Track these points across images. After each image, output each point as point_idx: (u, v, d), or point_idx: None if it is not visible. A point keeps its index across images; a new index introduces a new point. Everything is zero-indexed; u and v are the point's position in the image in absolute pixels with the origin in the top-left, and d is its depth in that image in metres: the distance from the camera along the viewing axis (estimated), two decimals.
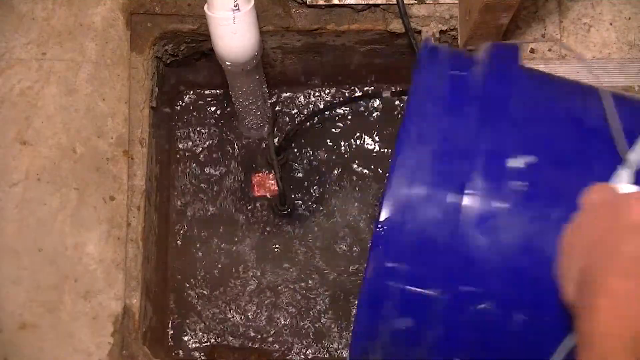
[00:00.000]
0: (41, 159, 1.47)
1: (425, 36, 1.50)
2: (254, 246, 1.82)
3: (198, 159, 1.84)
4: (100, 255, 1.44)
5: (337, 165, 1.85)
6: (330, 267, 1.80)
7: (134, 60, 1.52)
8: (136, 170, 1.49)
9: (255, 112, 1.68)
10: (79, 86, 1.50)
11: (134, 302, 1.44)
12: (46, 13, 1.52)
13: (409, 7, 1.49)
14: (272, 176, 1.73)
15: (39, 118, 1.48)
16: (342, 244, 1.82)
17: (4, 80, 1.49)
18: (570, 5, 1.49)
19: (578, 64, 1.46)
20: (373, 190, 1.85)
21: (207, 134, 1.85)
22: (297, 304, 1.79)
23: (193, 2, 1.53)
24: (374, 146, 1.86)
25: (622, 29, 1.48)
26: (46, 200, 1.45)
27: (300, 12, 1.55)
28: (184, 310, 1.77)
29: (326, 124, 1.86)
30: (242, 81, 1.50)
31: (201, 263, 1.80)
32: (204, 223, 1.82)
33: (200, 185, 1.83)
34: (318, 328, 1.77)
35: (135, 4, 1.53)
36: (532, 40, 1.47)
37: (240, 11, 1.27)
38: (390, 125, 1.87)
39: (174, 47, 1.60)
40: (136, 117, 1.50)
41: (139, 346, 1.43)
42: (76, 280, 1.43)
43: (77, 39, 1.51)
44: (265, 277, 1.81)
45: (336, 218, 1.82)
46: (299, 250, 1.81)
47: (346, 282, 1.79)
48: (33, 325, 1.41)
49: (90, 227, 1.45)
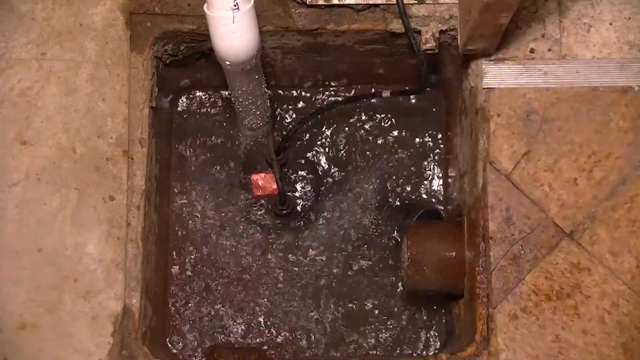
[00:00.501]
0: (41, 159, 1.47)
1: (425, 36, 1.50)
2: (253, 246, 1.82)
3: (198, 159, 1.84)
4: (100, 255, 1.44)
5: (337, 164, 1.85)
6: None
7: (134, 60, 1.52)
8: (136, 170, 1.49)
9: (255, 112, 1.68)
10: (79, 86, 1.50)
11: (134, 302, 1.44)
12: (46, 13, 1.52)
13: (409, 7, 1.49)
14: (272, 176, 1.72)
15: (39, 118, 1.48)
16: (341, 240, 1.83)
17: (4, 80, 1.49)
18: (570, 5, 1.49)
19: (578, 64, 1.46)
20: (373, 188, 1.86)
21: (207, 134, 1.85)
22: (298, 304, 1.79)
23: (193, 2, 1.53)
24: (374, 146, 1.86)
25: (622, 29, 1.48)
26: (46, 200, 1.45)
27: (300, 12, 1.55)
28: (184, 310, 1.77)
29: (326, 123, 1.86)
30: (241, 81, 1.50)
31: (201, 263, 1.80)
32: (204, 223, 1.82)
33: (200, 184, 1.83)
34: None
35: (135, 4, 1.53)
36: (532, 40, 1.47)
37: (240, 11, 1.27)
38: (390, 125, 1.87)
39: (173, 47, 1.60)
40: (136, 117, 1.50)
41: (139, 346, 1.43)
42: (76, 280, 1.43)
43: (77, 39, 1.51)
44: (266, 277, 1.81)
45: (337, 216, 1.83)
46: (299, 244, 1.82)
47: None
48: (33, 325, 1.41)
49: (90, 227, 1.45)
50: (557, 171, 1.42)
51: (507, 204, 1.41)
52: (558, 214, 1.40)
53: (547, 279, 1.38)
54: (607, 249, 1.39)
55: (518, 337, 1.37)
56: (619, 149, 1.42)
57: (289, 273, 1.81)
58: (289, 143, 1.77)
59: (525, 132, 1.43)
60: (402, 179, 1.85)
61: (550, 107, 1.44)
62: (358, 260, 1.81)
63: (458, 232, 1.54)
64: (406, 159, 1.85)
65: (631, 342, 1.35)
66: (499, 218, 1.40)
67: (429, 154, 1.85)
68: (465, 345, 1.42)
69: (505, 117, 1.44)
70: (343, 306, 1.79)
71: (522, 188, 1.41)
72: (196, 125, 1.85)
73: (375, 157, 1.86)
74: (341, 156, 1.86)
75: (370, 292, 1.80)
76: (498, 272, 1.39)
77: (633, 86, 1.45)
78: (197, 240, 1.80)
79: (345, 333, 1.78)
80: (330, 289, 1.80)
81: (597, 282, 1.37)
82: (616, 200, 1.40)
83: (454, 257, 1.52)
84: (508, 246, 1.40)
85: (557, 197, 1.41)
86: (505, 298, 1.38)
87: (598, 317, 1.36)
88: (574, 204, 1.40)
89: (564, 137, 1.43)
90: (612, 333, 1.36)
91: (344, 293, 1.79)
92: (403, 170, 1.85)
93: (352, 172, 1.85)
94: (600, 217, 1.40)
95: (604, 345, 1.36)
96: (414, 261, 1.52)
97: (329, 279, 1.80)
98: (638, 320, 1.36)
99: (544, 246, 1.39)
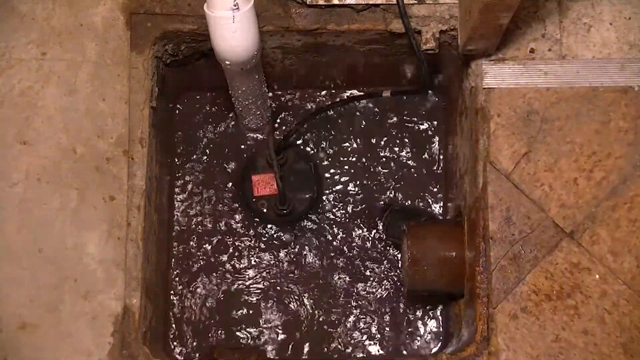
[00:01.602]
0: (41, 159, 1.47)
1: (425, 36, 1.50)
2: (254, 245, 1.82)
3: (198, 159, 1.84)
4: (101, 255, 1.44)
5: (337, 163, 1.86)
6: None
7: (134, 60, 1.52)
8: (136, 170, 1.49)
9: (255, 112, 1.68)
10: (79, 86, 1.50)
11: (134, 302, 1.44)
12: (46, 13, 1.52)
13: (409, 7, 1.49)
14: (272, 176, 1.72)
15: (39, 118, 1.48)
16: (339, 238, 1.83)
17: (4, 80, 1.49)
18: (570, 5, 1.49)
19: (578, 64, 1.46)
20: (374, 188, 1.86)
21: (207, 133, 1.85)
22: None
23: (193, 2, 1.53)
24: (374, 145, 1.86)
25: (622, 29, 1.48)
26: (46, 200, 1.45)
27: (300, 12, 1.55)
28: (184, 310, 1.78)
29: (326, 123, 1.86)
30: (241, 81, 1.50)
31: (201, 263, 1.80)
32: (204, 222, 1.82)
33: (201, 184, 1.83)
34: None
35: (135, 4, 1.53)
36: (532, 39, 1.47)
37: (240, 10, 1.27)
38: (390, 125, 1.87)
39: (174, 47, 1.60)
40: (136, 117, 1.50)
41: (139, 346, 1.43)
42: (76, 280, 1.43)
43: (77, 39, 1.51)
44: (265, 277, 1.81)
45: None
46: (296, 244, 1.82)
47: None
48: (33, 325, 1.41)
49: (90, 227, 1.45)
50: (558, 171, 1.42)
51: (507, 204, 1.41)
52: (558, 214, 1.40)
53: (548, 279, 1.38)
54: (607, 249, 1.39)
55: (518, 337, 1.37)
56: (619, 149, 1.42)
57: (289, 273, 1.81)
58: (289, 143, 1.77)
59: (525, 132, 1.43)
60: (402, 180, 1.85)
61: (551, 107, 1.44)
62: (357, 261, 1.82)
63: (458, 232, 1.54)
64: (406, 159, 1.85)
65: (631, 342, 1.35)
66: (499, 218, 1.41)
67: (429, 154, 1.85)
68: (465, 345, 1.42)
69: (506, 117, 1.44)
70: (343, 305, 1.79)
71: (522, 188, 1.41)
72: (196, 125, 1.85)
73: (375, 157, 1.86)
74: (340, 156, 1.86)
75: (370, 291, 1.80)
76: (498, 272, 1.39)
77: (633, 86, 1.45)
78: (197, 240, 1.80)
79: (345, 333, 1.79)
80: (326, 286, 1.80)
81: (597, 282, 1.37)
82: (616, 200, 1.40)
83: (454, 257, 1.52)
84: (508, 246, 1.40)
85: (557, 197, 1.41)
86: (506, 298, 1.38)
87: (598, 317, 1.36)
88: (574, 204, 1.40)
89: (564, 137, 1.43)
90: (612, 333, 1.36)
91: (343, 291, 1.80)
92: (403, 171, 1.85)
93: (352, 172, 1.85)
94: (601, 217, 1.40)
95: (604, 345, 1.36)
96: (414, 261, 1.52)
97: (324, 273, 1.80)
98: (638, 320, 1.36)
99: (544, 246, 1.39)
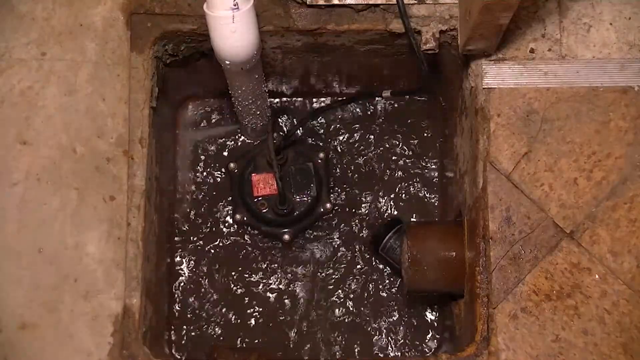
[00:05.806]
0: (41, 159, 1.47)
1: (425, 36, 1.50)
2: (254, 245, 1.82)
3: (198, 159, 1.84)
4: (101, 255, 1.44)
5: (337, 163, 1.86)
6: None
7: (134, 60, 1.52)
8: (136, 170, 1.49)
9: (255, 112, 1.68)
10: (79, 86, 1.50)
11: (134, 302, 1.44)
12: (46, 13, 1.52)
13: (409, 7, 1.49)
14: (272, 176, 1.72)
15: (39, 118, 1.48)
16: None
17: (4, 80, 1.49)
18: (570, 5, 1.49)
19: (578, 64, 1.46)
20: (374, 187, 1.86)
21: (207, 133, 1.85)
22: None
23: (193, 2, 1.53)
24: (374, 145, 1.87)
25: (622, 29, 1.48)
26: (46, 200, 1.45)
27: (300, 12, 1.55)
28: (184, 310, 1.78)
29: (326, 123, 1.87)
30: (241, 80, 1.50)
31: (201, 263, 1.80)
32: (205, 222, 1.82)
33: (201, 184, 1.83)
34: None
35: (135, 4, 1.53)
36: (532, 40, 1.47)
37: (240, 10, 1.27)
38: (390, 125, 1.87)
39: (174, 47, 1.60)
40: (136, 117, 1.50)
41: (139, 346, 1.43)
42: (76, 280, 1.43)
43: (77, 39, 1.51)
44: (266, 277, 1.81)
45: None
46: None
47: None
48: (33, 325, 1.41)
49: (90, 227, 1.45)
50: (557, 171, 1.42)
51: (507, 204, 1.41)
52: (558, 214, 1.40)
53: (547, 279, 1.38)
54: (607, 249, 1.39)
55: (518, 337, 1.37)
56: (619, 149, 1.42)
57: (289, 273, 1.82)
58: (289, 142, 1.78)
59: (525, 132, 1.43)
60: (401, 182, 1.85)
61: (551, 107, 1.44)
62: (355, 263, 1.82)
63: (458, 232, 1.55)
64: (406, 159, 1.86)
65: (631, 342, 1.35)
66: (499, 218, 1.41)
67: (429, 155, 1.85)
68: (465, 345, 1.42)
69: (506, 117, 1.44)
70: (343, 305, 1.80)
71: (522, 188, 1.41)
72: (196, 125, 1.85)
73: (375, 157, 1.86)
74: (339, 156, 1.86)
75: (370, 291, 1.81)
76: (498, 272, 1.39)
77: (633, 86, 1.45)
78: (198, 239, 1.81)
79: (345, 333, 1.79)
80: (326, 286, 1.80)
81: (597, 282, 1.37)
82: (616, 200, 1.40)
83: (454, 257, 1.52)
84: (508, 246, 1.40)
85: (557, 197, 1.41)
86: (505, 298, 1.38)
87: (598, 317, 1.36)
88: (574, 204, 1.40)
89: (564, 137, 1.43)
90: (612, 333, 1.36)
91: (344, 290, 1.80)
92: (402, 173, 1.85)
93: (351, 173, 1.85)
94: (601, 217, 1.40)
95: (604, 345, 1.36)
96: (414, 261, 1.52)
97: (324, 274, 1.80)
98: (638, 320, 1.36)
99: (544, 246, 1.39)
